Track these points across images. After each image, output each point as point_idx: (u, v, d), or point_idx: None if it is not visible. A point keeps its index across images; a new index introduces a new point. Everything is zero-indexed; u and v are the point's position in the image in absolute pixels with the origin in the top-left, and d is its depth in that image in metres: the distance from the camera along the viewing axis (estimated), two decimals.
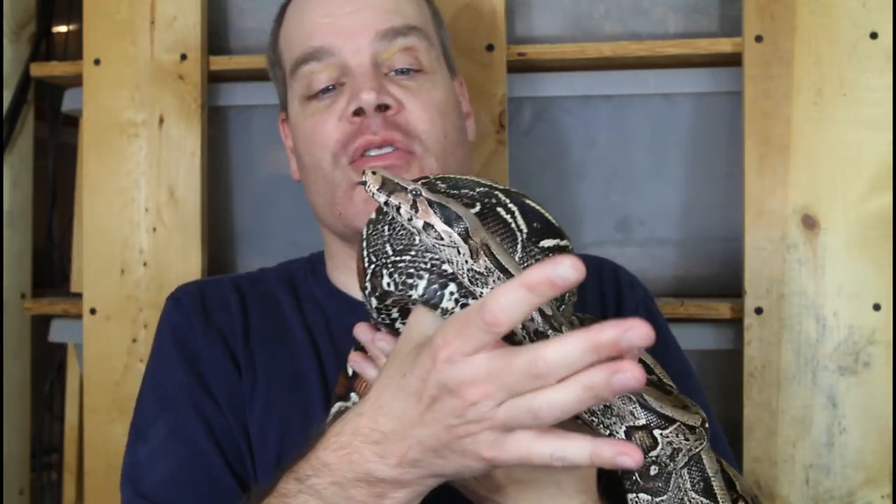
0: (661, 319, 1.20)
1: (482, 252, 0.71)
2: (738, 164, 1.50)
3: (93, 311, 1.60)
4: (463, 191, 0.82)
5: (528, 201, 0.81)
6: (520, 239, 0.80)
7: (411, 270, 0.80)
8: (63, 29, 2.00)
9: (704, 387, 1.38)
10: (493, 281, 0.71)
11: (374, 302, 0.86)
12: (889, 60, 1.44)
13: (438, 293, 0.79)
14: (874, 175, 1.44)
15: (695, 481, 0.84)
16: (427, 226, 0.70)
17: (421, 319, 0.80)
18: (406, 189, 0.70)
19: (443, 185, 0.83)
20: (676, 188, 1.59)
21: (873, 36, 1.44)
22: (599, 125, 1.60)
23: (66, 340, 1.75)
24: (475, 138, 1.53)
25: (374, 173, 0.71)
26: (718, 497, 0.85)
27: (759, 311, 1.46)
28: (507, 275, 0.70)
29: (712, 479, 0.85)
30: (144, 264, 1.59)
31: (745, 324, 1.46)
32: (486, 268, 0.71)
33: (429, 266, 0.79)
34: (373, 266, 0.84)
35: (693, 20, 1.58)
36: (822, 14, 1.45)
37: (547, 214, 0.81)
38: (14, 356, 1.85)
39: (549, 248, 0.81)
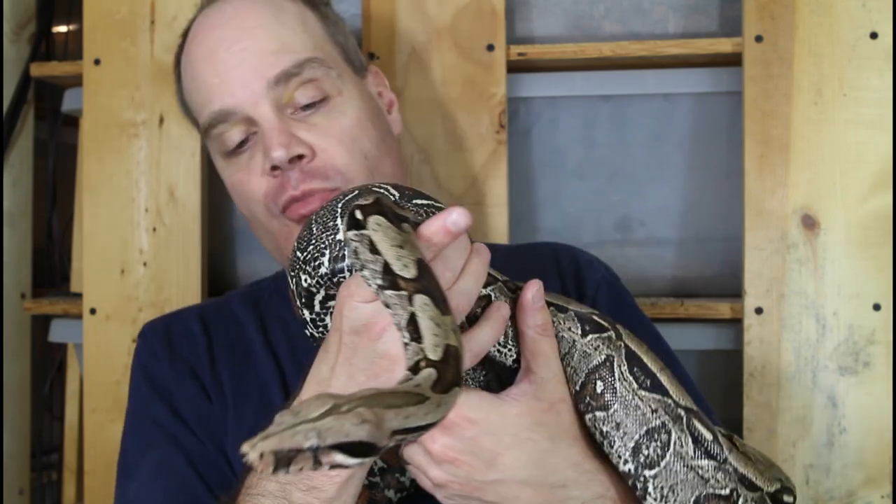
0: (628, 298, 1.21)
1: (391, 439, 0.67)
2: (738, 164, 1.50)
3: (93, 311, 1.60)
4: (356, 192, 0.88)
5: (404, 186, 0.89)
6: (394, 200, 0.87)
7: (315, 254, 0.87)
8: (63, 29, 1.99)
9: (704, 387, 1.38)
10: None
11: (307, 314, 0.91)
12: (889, 60, 1.44)
13: (343, 257, 0.86)
14: (874, 175, 1.44)
15: (640, 380, 0.88)
16: (335, 466, 0.65)
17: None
18: (302, 449, 0.62)
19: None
20: (676, 188, 1.59)
21: (873, 36, 1.44)
22: (599, 125, 1.60)
23: (66, 340, 1.75)
24: (475, 138, 1.54)
25: (260, 456, 0.61)
26: (669, 389, 0.88)
27: (759, 311, 1.46)
28: (418, 430, 0.69)
29: (658, 374, 0.88)
30: (144, 264, 1.60)
31: (745, 324, 1.46)
32: (398, 440, 0.69)
33: (328, 244, 0.86)
34: (295, 281, 0.90)
35: (693, 20, 1.59)
36: (822, 14, 1.45)
37: (422, 191, 0.90)
38: (14, 356, 1.85)
39: (420, 205, 0.87)
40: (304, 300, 0.90)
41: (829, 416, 1.43)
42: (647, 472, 0.86)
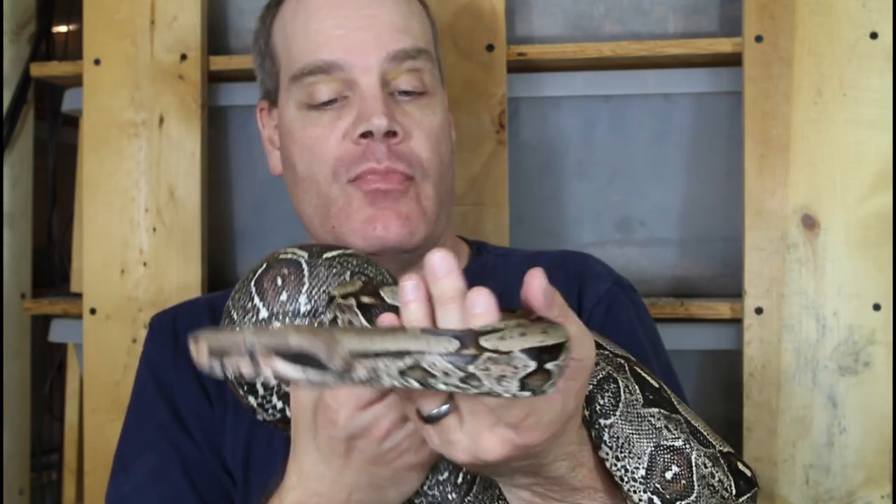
0: (626, 316, 1.14)
1: (351, 364, 0.64)
2: (738, 164, 1.50)
3: (93, 311, 1.60)
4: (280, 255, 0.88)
5: (311, 244, 0.89)
6: (304, 262, 0.85)
7: None
8: (63, 29, 2.00)
9: (704, 387, 1.38)
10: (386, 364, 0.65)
11: (253, 401, 0.90)
12: (889, 60, 1.44)
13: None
14: (874, 175, 1.44)
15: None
16: (279, 376, 0.62)
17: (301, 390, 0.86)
18: (238, 344, 0.62)
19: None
20: (676, 188, 1.59)
21: (873, 36, 1.44)
22: (599, 125, 1.60)
23: (66, 340, 1.75)
24: (475, 138, 1.54)
25: (197, 341, 0.62)
26: (603, 343, 0.87)
27: (759, 311, 1.45)
28: (396, 356, 0.64)
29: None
30: (144, 264, 1.59)
31: (745, 324, 1.46)
32: (370, 370, 0.65)
33: (254, 325, 0.85)
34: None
35: (693, 20, 1.58)
36: (822, 14, 1.45)
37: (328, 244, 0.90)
38: (14, 356, 1.85)
39: (332, 257, 0.86)
40: (245, 388, 0.89)
41: (829, 416, 1.43)
42: (602, 421, 0.85)
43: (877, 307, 1.43)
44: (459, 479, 0.87)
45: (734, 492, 0.88)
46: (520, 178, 1.60)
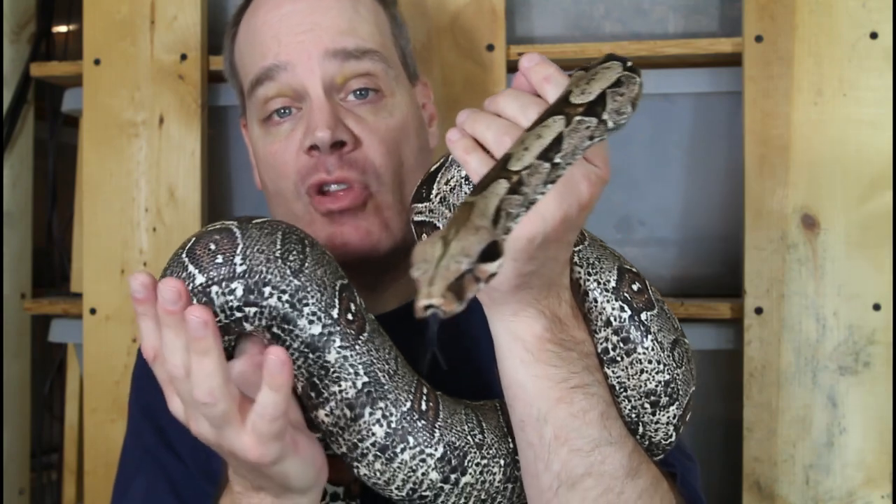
0: None
1: (501, 227, 0.72)
2: (738, 164, 1.50)
3: (93, 311, 1.61)
4: None
5: (241, 217, 0.89)
6: (235, 227, 0.86)
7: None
8: (63, 29, 2.00)
9: (704, 387, 1.37)
10: None
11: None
12: (889, 60, 1.44)
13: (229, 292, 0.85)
14: (874, 175, 1.44)
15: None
16: (489, 277, 0.67)
17: None
18: (462, 273, 0.64)
19: None
20: (676, 188, 1.59)
21: (873, 36, 1.44)
22: None
23: (66, 340, 1.75)
24: None
25: (442, 297, 0.63)
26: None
27: (759, 311, 1.46)
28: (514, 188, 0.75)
29: None
30: (144, 264, 1.60)
31: (745, 324, 1.46)
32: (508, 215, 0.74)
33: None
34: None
35: (693, 20, 1.59)
36: (822, 14, 1.45)
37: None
38: (14, 356, 1.85)
39: (261, 222, 0.87)
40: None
41: (829, 416, 1.43)
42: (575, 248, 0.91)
43: (877, 307, 1.43)
44: (423, 406, 0.86)
45: (679, 326, 0.95)
46: None
